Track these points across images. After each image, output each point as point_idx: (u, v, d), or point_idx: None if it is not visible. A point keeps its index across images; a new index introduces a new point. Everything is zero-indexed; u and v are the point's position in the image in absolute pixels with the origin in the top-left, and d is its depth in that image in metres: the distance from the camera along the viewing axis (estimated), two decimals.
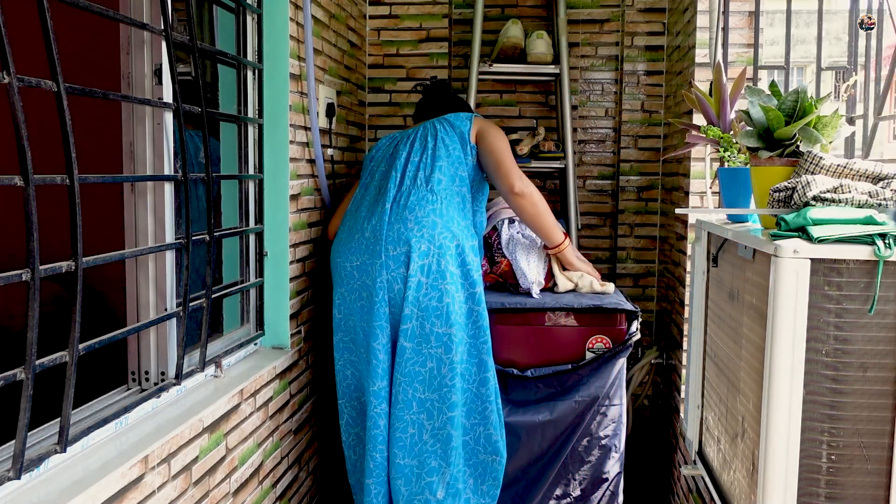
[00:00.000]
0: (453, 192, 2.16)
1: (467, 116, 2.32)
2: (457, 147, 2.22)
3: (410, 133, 2.32)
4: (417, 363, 2.02)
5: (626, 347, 2.25)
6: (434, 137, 2.25)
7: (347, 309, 2.14)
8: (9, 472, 1.17)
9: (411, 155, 2.23)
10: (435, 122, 2.30)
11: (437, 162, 2.19)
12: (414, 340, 2.02)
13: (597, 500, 2.29)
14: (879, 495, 1.28)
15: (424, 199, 2.10)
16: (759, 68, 2.41)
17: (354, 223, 2.17)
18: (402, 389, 2.02)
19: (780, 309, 1.27)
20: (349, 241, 2.14)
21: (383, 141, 2.39)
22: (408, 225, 2.05)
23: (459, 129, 2.26)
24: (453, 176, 2.18)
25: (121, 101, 1.53)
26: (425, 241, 2.03)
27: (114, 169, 1.62)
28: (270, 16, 2.12)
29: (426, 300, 2.01)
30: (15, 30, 1.20)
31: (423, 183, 2.14)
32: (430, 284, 2.01)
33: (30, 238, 1.16)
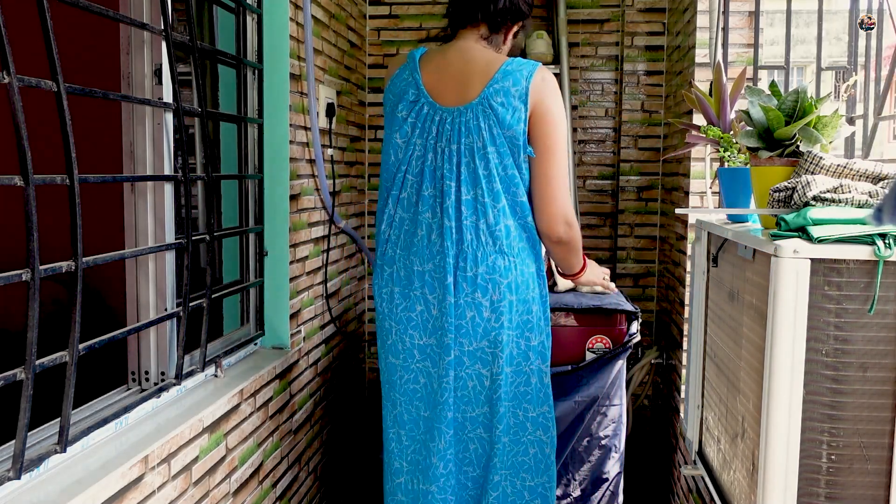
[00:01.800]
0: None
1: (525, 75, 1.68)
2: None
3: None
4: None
5: (626, 348, 2.25)
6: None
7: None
8: (9, 472, 1.17)
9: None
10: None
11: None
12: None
13: (597, 501, 2.29)
14: (879, 495, 1.28)
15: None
16: (759, 68, 2.41)
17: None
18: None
19: (780, 309, 1.27)
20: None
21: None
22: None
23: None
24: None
25: (121, 101, 1.53)
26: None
27: (114, 169, 1.62)
28: (270, 16, 2.12)
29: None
30: (15, 30, 1.20)
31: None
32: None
33: (30, 238, 1.16)
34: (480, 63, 1.72)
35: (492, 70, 1.69)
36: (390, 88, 1.79)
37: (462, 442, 1.80)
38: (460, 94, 1.71)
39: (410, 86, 1.74)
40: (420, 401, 1.80)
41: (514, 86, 1.67)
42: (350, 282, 2.92)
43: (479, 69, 1.71)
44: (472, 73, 1.71)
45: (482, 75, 1.70)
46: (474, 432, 1.79)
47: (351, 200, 2.93)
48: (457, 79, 1.72)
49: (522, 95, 1.66)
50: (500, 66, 1.69)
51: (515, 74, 1.68)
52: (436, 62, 1.76)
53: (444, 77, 1.73)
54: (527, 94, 1.66)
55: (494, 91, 1.67)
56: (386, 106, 1.80)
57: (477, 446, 1.80)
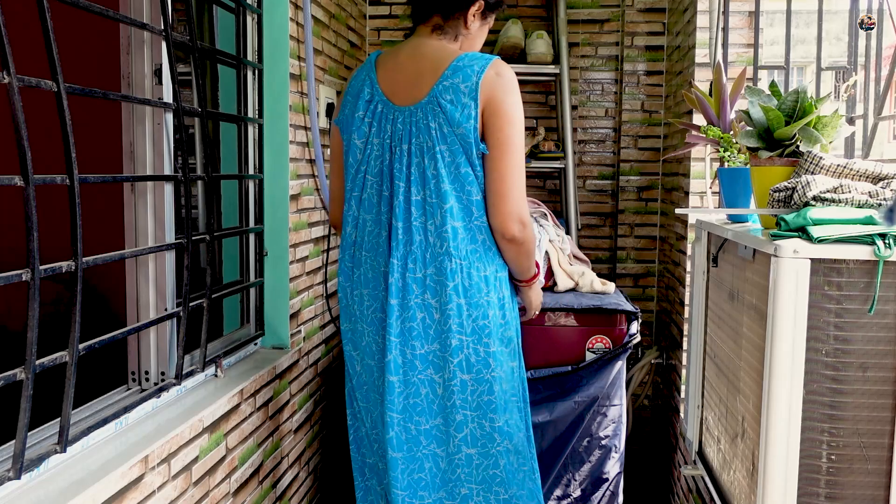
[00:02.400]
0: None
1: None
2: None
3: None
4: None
5: (626, 349, 2.26)
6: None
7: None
8: (9, 472, 1.17)
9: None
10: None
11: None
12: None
13: (597, 501, 2.29)
14: (879, 495, 1.28)
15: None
16: (759, 68, 2.41)
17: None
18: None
19: (780, 309, 1.27)
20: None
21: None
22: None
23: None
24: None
25: (121, 101, 1.53)
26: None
27: (114, 169, 1.62)
28: (270, 16, 2.12)
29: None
30: (15, 30, 1.20)
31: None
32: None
33: (30, 238, 1.16)
34: (431, 59, 1.66)
35: (441, 67, 1.62)
36: (348, 90, 1.76)
37: (416, 461, 1.70)
38: (412, 92, 1.65)
39: (366, 85, 1.70)
40: (375, 409, 1.77)
41: (464, 82, 1.60)
42: None
43: (430, 66, 1.64)
44: (422, 71, 1.65)
45: (432, 72, 1.63)
46: (429, 448, 1.70)
47: None
48: (409, 77, 1.67)
49: (472, 92, 1.59)
50: (450, 62, 1.62)
51: (466, 70, 1.60)
52: (391, 61, 1.71)
53: (397, 76, 1.69)
54: (477, 89, 1.59)
55: (443, 88, 1.60)
56: (345, 109, 1.75)
57: (432, 465, 1.71)
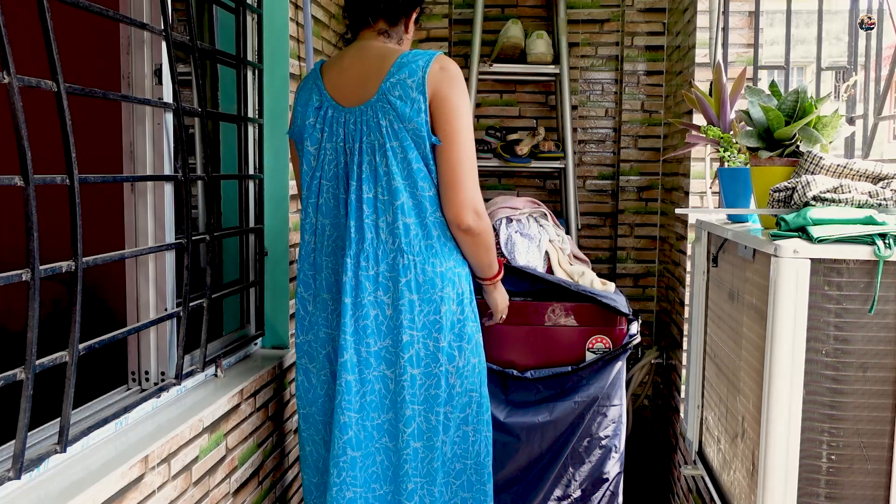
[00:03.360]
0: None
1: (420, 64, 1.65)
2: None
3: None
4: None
5: (626, 349, 2.26)
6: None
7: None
8: (9, 472, 1.17)
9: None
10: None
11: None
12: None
13: (597, 501, 2.29)
14: (879, 495, 1.29)
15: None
16: (759, 68, 2.41)
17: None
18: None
19: (780, 309, 1.27)
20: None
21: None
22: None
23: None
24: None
25: (121, 101, 1.53)
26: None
27: (114, 169, 1.62)
28: (270, 16, 2.12)
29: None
30: (15, 30, 1.20)
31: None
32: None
33: (30, 238, 1.16)
34: (376, 59, 1.68)
35: (387, 64, 1.65)
36: (296, 101, 1.78)
37: (370, 455, 1.72)
38: (359, 92, 1.67)
39: (314, 93, 1.73)
40: (328, 407, 1.78)
41: (411, 77, 1.62)
42: None
43: (375, 65, 1.67)
44: (369, 71, 1.68)
45: (378, 71, 1.66)
46: (380, 442, 1.72)
47: None
48: (355, 78, 1.69)
49: (420, 86, 1.61)
50: (395, 60, 1.65)
51: (411, 65, 1.63)
52: (336, 66, 1.74)
53: (343, 79, 1.71)
54: (423, 83, 1.61)
55: (391, 85, 1.63)
56: (296, 119, 1.77)
57: (383, 458, 1.73)
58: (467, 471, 1.80)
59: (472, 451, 1.80)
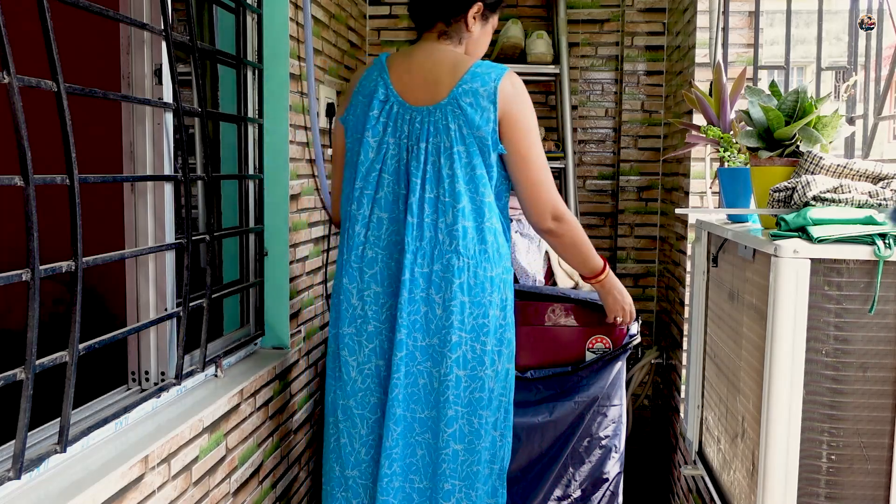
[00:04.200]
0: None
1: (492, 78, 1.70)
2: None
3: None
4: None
5: (626, 350, 2.26)
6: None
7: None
8: (9, 472, 1.17)
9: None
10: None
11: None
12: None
13: (597, 501, 2.29)
14: (879, 495, 1.28)
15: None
16: (759, 68, 2.41)
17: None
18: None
19: (780, 309, 1.27)
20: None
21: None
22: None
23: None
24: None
25: (121, 101, 1.53)
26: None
27: (114, 169, 1.62)
28: (270, 16, 2.12)
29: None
30: (15, 30, 1.20)
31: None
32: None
33: (30, 238, 1.16)
34: (448, 64, 1.72)
35: (460, 71, 1.70)
36: (359, 90, 1.79)
37: (410, 446, 1.75)
38: (429, 93, 1.71)
39: (379, 85, 1.74)
40: (370, 399, 1.79)
41: (483, 86, 1.67)
42: None
43: (447, 70, 1.71)
44: (440, 74, 1.71)
45: (450, 76, 1.70)
46: (423, 436, 1.75)
47: None
48: (425, 79, 1.72)
49: (491, 96, 1.67)
50: (468, 68, 1.70)
51: (483, 77, 1.69)
52: (404, 63, 1.76)
53: (412, 77, 1.73)
54: (495, 95, 1.67)
55: (463, 91, 1.67)
56: (356, 108, 1.78)
57: (424, 452, 1.75)
58: (493, 476, 1.81)
59: (498, 455, 1.81)
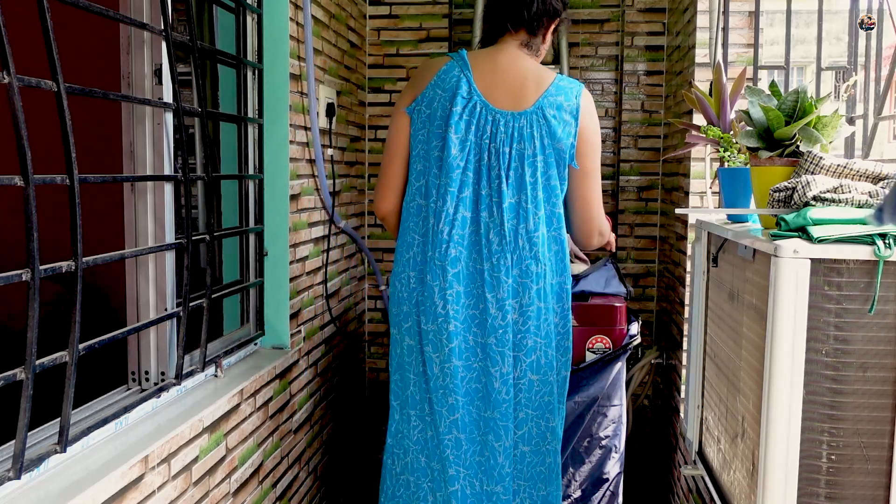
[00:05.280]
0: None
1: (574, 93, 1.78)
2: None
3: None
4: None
5: (625, 350, 2.26)
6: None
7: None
8: (9, 472, 1.17)
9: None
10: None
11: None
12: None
13: (597, 501, 2.29)
14: (879, 495, 1.28)
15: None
16: (759, 68, 2.41)
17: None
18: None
19: (780, 309, 1.27)
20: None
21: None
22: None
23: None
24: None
25: (121, 101, 1.53)
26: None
27: (114, 169, 1.62)
28: (270, 16, 2.12)
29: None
30: (15, 30, 1.20)
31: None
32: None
33: (30, 238, 1.16)
34: (533, 73, 1.77)
35: (545, 82, 1.75)
36: (437, 84, 1.76)
37: (477, 444, 1.78)
38: (514, 99, 1.74)
39: (462, 82, 1.74)
40: (480, 400, 1.78)
41: (567, 101, 1.74)
42: (350, 282, 2.92)
43: (533, 78, 1.76)
44: (525, 81, 1.75)
45: (536, 85, 1.75)
46: (489, 437, 1.78)
47: (351, 200, 2.93)
48: (510, 84, 1.75)
49: (574, 111, 1.74)
50: (552, 80, 1.76)
51: (567, 91, 1.76)
52: (487, 64, 1.77)
53: (495, 79, 1.76)
54: (578, 111, 1.75)
55: (549, 103, 1.73)
56: (433, 101, 1.75)
57: (494, 455, 1.78)
58: (558, 480, 1.87)
59: (558, 461, 1.86)
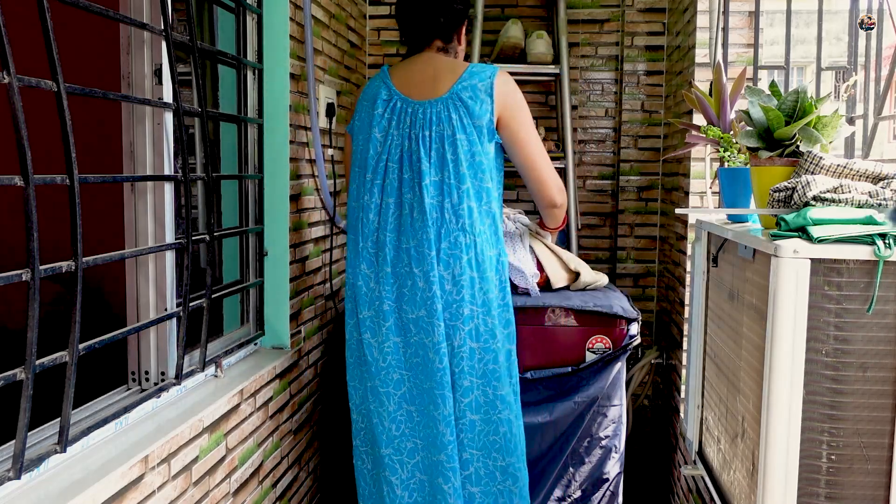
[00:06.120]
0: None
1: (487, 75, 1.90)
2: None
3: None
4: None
5: (626, 350, 2.26)
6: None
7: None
8: (9, 472, 1.17)
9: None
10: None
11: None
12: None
13: (597, 501, 2.29)
14: (879, 495, 1.28)
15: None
16: (759, 68, 2.41)
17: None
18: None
19: (780, 309, 1.27)
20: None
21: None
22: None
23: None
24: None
25: (121, 101, 1.53)
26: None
27: (114, 169, 1.62)
28: (270, 16, 2.12)
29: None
30: (15, 30, 1.20)
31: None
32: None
33: (30, 238, 1.16)
34: (447, 66, 1.92)
35: (458, 71, 1.90)
36: (363, 97, 1.98)
37: (430, 419, 1.87)
38: (431, 89, 1.89)
39: (382, 89, 1.94)
40: (422, 373, 1.87)
41: (481, 82, 1.87)
42: None
43: (447, 69, 1.91)
44: (440, 72, 1.90)
45: (451, 73, 1.89)
46: (440, 410, 1.85)
47: None
48: (426, 77, 1.91)
49: (489, 90, 1.86)
50: (465, 69, 1.90)
51: (480, 74, 1.89)
52: (404, 69, 1.96)
53: (413, 77, 1.93)
54: (492, 89, 1.86)
55: (463, 87, 1.86)
56: (360, 112, 1.97)
57: (437, 423, 1.86)
58: (514, 455, 1.91)
59: (517, 435, 1.92)
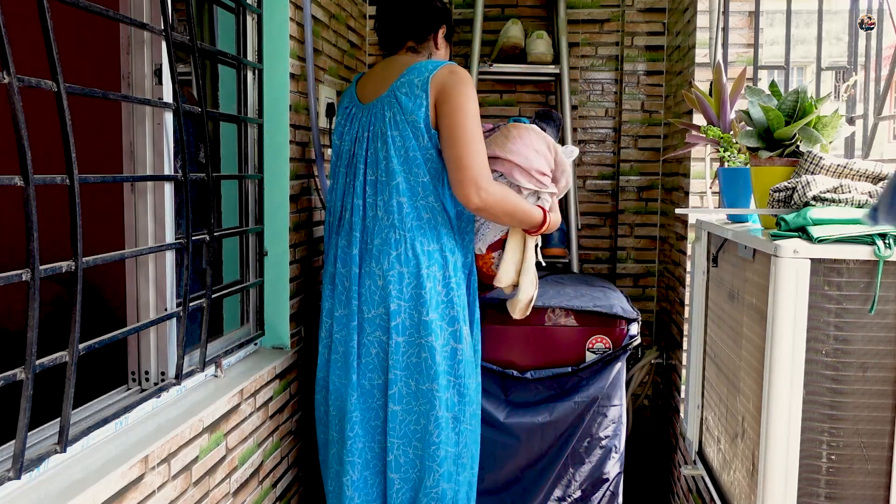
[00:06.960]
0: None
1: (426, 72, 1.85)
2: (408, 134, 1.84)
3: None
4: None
5: (625, 351, 2.26)
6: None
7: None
8: (9, 472, 1.17)
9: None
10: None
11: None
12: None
13: (597, 501, 2.29)
14: (879, 495, 1.29)
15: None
16: (759, 68, 2.41)
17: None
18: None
19: (780, 309, 1.27)
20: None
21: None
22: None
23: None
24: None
25: (121, 101, 1.53)
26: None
27: (114, 169, 1.62)
28: (270, 16, 2.12)
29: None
30: (15, 30, 1.20)
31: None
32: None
33: (30, 238, 1.16)
34: (398, 66, 1.92)
35: (403, 69, 1.89)
36: (338, 111, 2.04)
37: (371, 410, 1.92)
38: (376, 91, 1.92)
39: (346, 96, 2.02)
40: (341, 370, 1.95)
41: (418, 77, 1.84)
42: None
43: (396, 70, 1.91)
44: (388, 74, 1.92)
45: (396, 73, 1.90)
46: (381, 400, 1.91)
47: None
48: (378, 79, 1.94)
49: (424, 84, 1.83)
50: (411, 65, 1.88)
51: (421, 69, 1.86)
52: (368, 75, 2.01)
53: (369, 82, 1.98)
54: (428, 83, 1.82)
55: (400, 83, 1.86)
56: (336, 126, 2.03)
57: (383, 415, 1.92)
58: (449, 460, 1.91)
59: (459, 441, 1.91)
